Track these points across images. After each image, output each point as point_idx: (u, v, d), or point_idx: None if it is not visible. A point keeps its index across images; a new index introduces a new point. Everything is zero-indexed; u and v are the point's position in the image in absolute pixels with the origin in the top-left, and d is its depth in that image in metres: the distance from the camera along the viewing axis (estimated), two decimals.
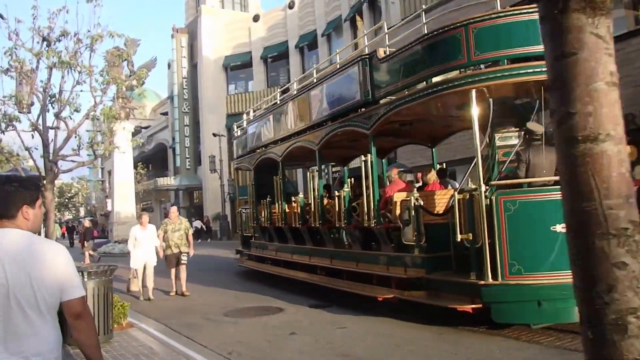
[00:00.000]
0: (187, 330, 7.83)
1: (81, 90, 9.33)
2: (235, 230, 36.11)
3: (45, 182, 8.73)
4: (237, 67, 39.43)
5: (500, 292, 6.26)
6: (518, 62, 6.58)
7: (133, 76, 9.22)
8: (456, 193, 7.01)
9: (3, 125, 9.27)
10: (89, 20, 9.72)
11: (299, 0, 36.09)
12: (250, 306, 9.67)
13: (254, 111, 15.22)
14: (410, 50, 7.66)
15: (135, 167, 41.75)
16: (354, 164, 24.19)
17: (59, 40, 9.11)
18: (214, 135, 34.87)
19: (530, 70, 6.33)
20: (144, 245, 10.95)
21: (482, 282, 6.34)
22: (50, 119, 9.56)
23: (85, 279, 6.80)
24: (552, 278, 6.04)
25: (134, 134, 53.14)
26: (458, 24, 6.78)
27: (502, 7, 7.09)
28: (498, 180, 7.57)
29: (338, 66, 9.98)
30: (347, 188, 9.80)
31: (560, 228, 5.92)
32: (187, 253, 11.38)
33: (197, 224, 36.60)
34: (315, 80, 10.95)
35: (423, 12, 8.07)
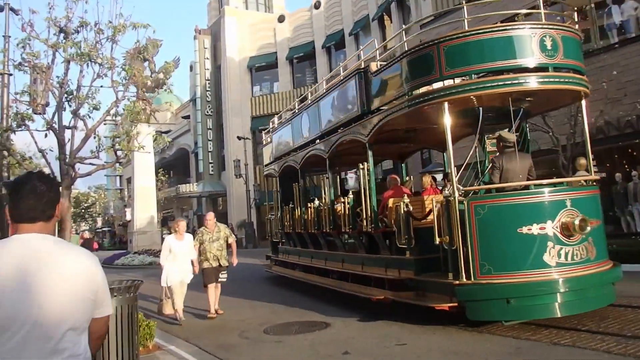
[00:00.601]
0: (223, 352, 6.78)
1: (101, 86, 8.02)
2: (261, 238, 34.92)
3: (61, 187, 7.43)
4: (262, 68, 38.28)
5: (473, 291, 6.57)
6: (485, 76, 7.08)
7: (160, 68, 7.88)
8: (433, 198, 7.80)
9: (14, 125, 8.06)
10: (110, 10, 8.48)
11: (325, 0, 35.01)
12: (292, 321, 8.44)
13: (279, 119, 15.52)
14: (395, 65, 8.13)
15: (156, 173, 40.77)
16: (386, 165, 22.93)
17: (77, 32, 7.90)
18: (239, 138, 33.68)
19: (495, 84, 6.85)
20: (180, 259, 8.93)
21: (457, 282, 6.68)
22: (66, 118, 8.29)
23: None
24: (519, 277, 6.46)
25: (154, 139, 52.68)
26: (431, 42, 7.29)
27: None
28: (481, 185, 8.06)
29: (342, 77, 10.44)
30: (351, 195, 10.26)
31: (526, 230, 6.44)
32: (227, 268, 9.61)
33: None
34: (325, 90, 11.47)
35: (420, 27, 8.84)
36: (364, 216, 9.18)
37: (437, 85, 7.30)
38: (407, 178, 12.44)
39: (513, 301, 6.38)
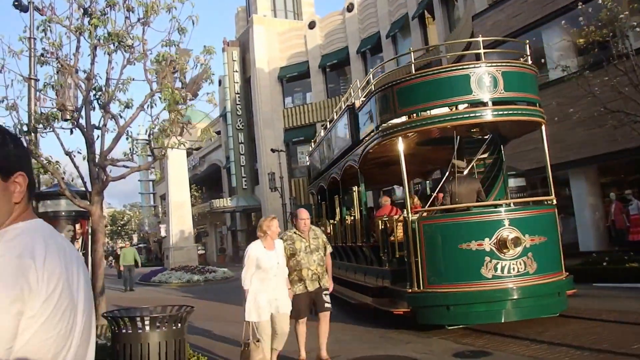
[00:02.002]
0: None
1: (133, 79, 6.99)
2: None
3: (91, 193, 6.46)
4: (293, 78, 37.47)
5: (421, 298, 7.54)
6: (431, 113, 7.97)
7: (203, 50, 6.86)
8: (394, 218, 9.12)
9: (40, 126, 7.13)
10: None
11: (358, 1, 33.94)
12: (367, 355, 6.84)
13: (314, 142, 16.61)
14: (367, 103, 9.28)
15: (189, 189, 40.18)
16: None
17: (104, 14, 6.88)
18: (273, 150, 32.78)
19: (439, 119, 7.88)
20: (272, 278, 5.80)
21: (410, 291, 7.68)
22: (95, 118, 7.24)
23: (147, 328, 4.43)
24: (458, 287, 7.33)
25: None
26: (389, 84, 8.38)
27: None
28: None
29: (342, 105, 11.60)
30: (357, 214, 10.91)
31: (466, 246, 7.29)
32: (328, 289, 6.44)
33: None
34: (335, 117, 12.33)
35: (412, 52, 9.12)
36: (358, 232, 10.62)
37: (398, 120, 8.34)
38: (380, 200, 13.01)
39: (452, 308, 7.33)
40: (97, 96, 7.16)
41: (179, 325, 4.85)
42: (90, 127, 6.87)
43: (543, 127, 8.80)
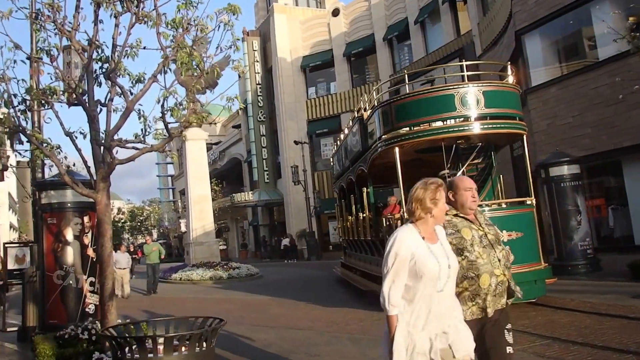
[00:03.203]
0: None
1: (144, 47, 5.95)
2: (323, 249, 32.75)
3: (95, 179, 5.47)
4: (316, 67, 36.34)
5: None
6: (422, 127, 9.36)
7: (225, 8, 5.76)
8: (390, 216, 10.69)
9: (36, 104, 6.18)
10: None
11: None
12: None
13: (338, 140, 17.48)
14: (372, 115, 10.56)
15: (209, 183, 39.36)
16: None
17: None
18: (296, 143, 31.79)
19: (427, 132, 9.29)
20: (440, 293, 3.10)
21: None
22: (101, 94, 6.21)
23: (161, 353, 3.41)
24: None
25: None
26: (385, 103, 10.16)
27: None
28: None
29: (356, 114, 12.79)
30: (365, 212, 12.40)
31: None
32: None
33: (287, 241, 33.52)
34: (351, 123, 13.70)
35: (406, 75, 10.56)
36: (366, 228, 12.29)
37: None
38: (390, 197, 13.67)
39: None
40: (102, 68, 6.13)
41: (205, 344, 3.80)
42: (93, 101, 5.86)
43: (524, 138, 9.98)
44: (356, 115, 12.37)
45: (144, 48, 6.21)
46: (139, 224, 75.98)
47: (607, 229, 17.24)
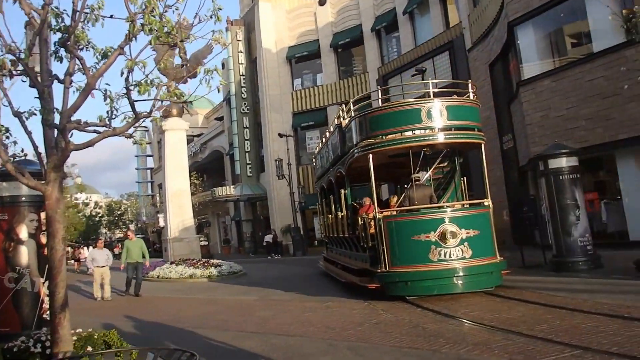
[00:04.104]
0: None
1: (111, 16, 5.09)
2: (308, 244, 31.95)
3: (46, 166, 4.62)
4: (302, 58, 35.44)
5: (387, 276, 10.08)
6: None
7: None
8: (365, 215, 11.32)
9: None
10: None
11: None
12: None
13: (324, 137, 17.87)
14: (350, 124, 11.72)
15: (189, 176, 38.28)
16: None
17: None
18: (280, 135, 30.92)
19: (396, 141, 10.52)
20: None
21: (379, 270, 10.23)
22: (58, 69, 5.45)
23: None
24: (413, 268, 9.86)
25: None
26: (361, 114, 11.27)
27: None
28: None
29: (336, 121, 13.80)
30: (343, 211, 13.48)
31: (417, 237, 9.86)
32: None
33: (269, 237, 32.69)
34: (332, 129, 14.55)
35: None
36: (344, 225, 13.34)
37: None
38: (391, 196, 14.82)
39: (409, 283, 9.81)
40: (61, 39, 5.21)
41: None
42: (45, 75, 4.97)
43: (482, 147, 11.22)
44: (336, 122, 13.62)
45: (111, 17, 5.36)
46: (116, 218, 74.48)
47: (600, 224, 16.72)
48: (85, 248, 33.92)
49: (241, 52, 37.59)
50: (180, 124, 23.30)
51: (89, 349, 6.36)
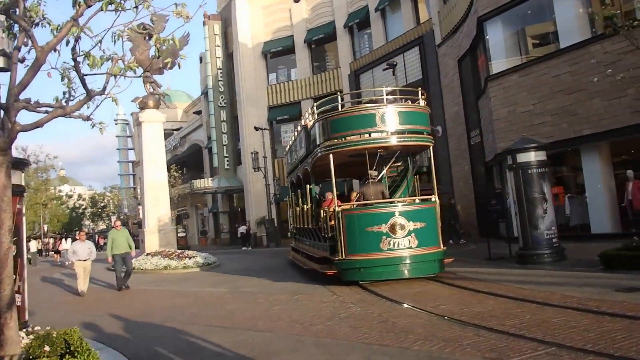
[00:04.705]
0: None
1: None
2: (282, 236, 31.41)
3: None
4: (277, 53, 34.74)
5: (343, 264, 10.78)
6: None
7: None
8: (327, 208, 11.86)
9: None
10: None
11: None
12: None
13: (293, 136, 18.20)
14: (314, 126, 12.21)
15: (168, 169, 37.39)
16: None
17: None
18: (256, 129, 30.24)
19: (354, 143, 11.19)
20: None
21: (336, 258, 10.91)
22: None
23: None
24: (365, 256, 10.55)
25: (164, 137, 49.29)
26: (323, 117, 11.71)
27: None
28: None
29: (303, 121, 14.22)
30: (308, 204, 13.95)
31: (370, 229, 10.49)
32: None
33: (243, 229, 32.14)
34: (299, 128, 14.84)
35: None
36: (309, 217, 13.81)
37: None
38: (352, 191, 15.04)
39: (362, 270, 10.53)
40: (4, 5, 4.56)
41: None
42: None
43: (431, 149, 11.95)
44: (302, 124, 14.06)
45: None
46: (99, 210, 72.96)
47: (563, 217, 16.55)
48: (64, 240, 32.78)
49: (218, 46, 36.77)
50: (157, 116, 22.46)
51: (47, 349, 5.77)
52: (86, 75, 4.40)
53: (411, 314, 7.48)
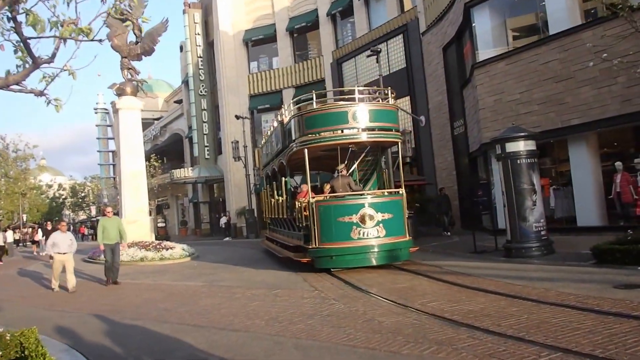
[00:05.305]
0: None
1: None
2: (262, 226, 30.75)
3: None
4: (259, 42, 33.86)
5: (316, 252, 11.23)
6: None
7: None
8: (301, 199, 12.36)
9: None
10: None
11: None
12: None
13: (268, 131, 18.53)
14: (290, 122, 12.75)
15: (148, 159, 36.39)
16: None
17: None
18: (237, 117, 29.37)
19: (327, 139, 11.85)
20: None
21: (309, 247, 11.40)
22: None
23: None
24: (337, 245, 11.05)
25: (144, 127, 48.02)
26: (298, 114, 12.40)
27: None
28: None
29: (280, 117, 14.51)
30: (283, 196, 14.32)
31: (341, 219, 11.01)
32: None
33: (224, 220, 31.45)
34: (275, 124, 15.13)
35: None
36: (284, 208, 14.19)
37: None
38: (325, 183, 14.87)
39: (334, 257, 11.08)
40: None
41: None
42: None
43: (399, 145, 12.89)
44: (279, 119, 14.45)
45: None
46: (80, 200, 71.34)
47: (548, 209, 16.18)
48: (40, 230, 31.61)
49: (198, 34, 35.80)
50: (134, 102, 21.46)
51: None
52: (30, 38, 3.69)
53: (398, 311, 6.91)
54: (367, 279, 10.02)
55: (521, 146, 11.54)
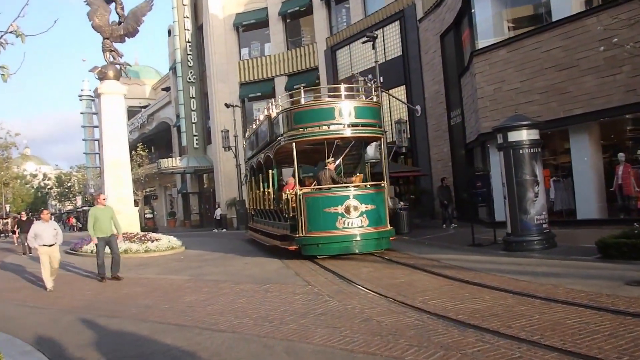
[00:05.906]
0: None
1: None
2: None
3: None
4: (250, 27, 33.17)
5: (303, 240, 12.02)
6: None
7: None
8: (288, 191, 13.02)
9: None
10: None
11: None
12: None
13: (253, 124, 18.86)
14: (278, 117, 13.37)
15: (135, 148, 35.67)
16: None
17: None
18: (227, 105, 28.73)
19: (314, 133, 12.53)
20: None
21: (297, 235, 12.13)
22: None
23: None
24: (323, 234, 11.86)
25: (131, 115, 47.16)
26: (287, 109, 13.06)
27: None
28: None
29: (267, 111, 15.21)
30: (270, 187, 15.07)
31: (327, 210, 11.80)
32: None
33: (218, 213, 31.02)
34: (261, 118, 16.20)
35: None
36: (272, 199, 14.81)
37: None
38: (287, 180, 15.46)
39: (320, 245, 11.86)
40: None
41: None
42: None
43: (382, 140, 13.62)
44: (266, 114, 15.06)
45: None
46: (66, 190, 70.30)
47: (547, 201, 15.83)
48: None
49: (187, 17, 35.02)
50: (117, 87, 20.69)
51: None
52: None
53: (398, 310, 6.46)
54: (362, 273, 9.58)
55: (524, 135, 11.12)
